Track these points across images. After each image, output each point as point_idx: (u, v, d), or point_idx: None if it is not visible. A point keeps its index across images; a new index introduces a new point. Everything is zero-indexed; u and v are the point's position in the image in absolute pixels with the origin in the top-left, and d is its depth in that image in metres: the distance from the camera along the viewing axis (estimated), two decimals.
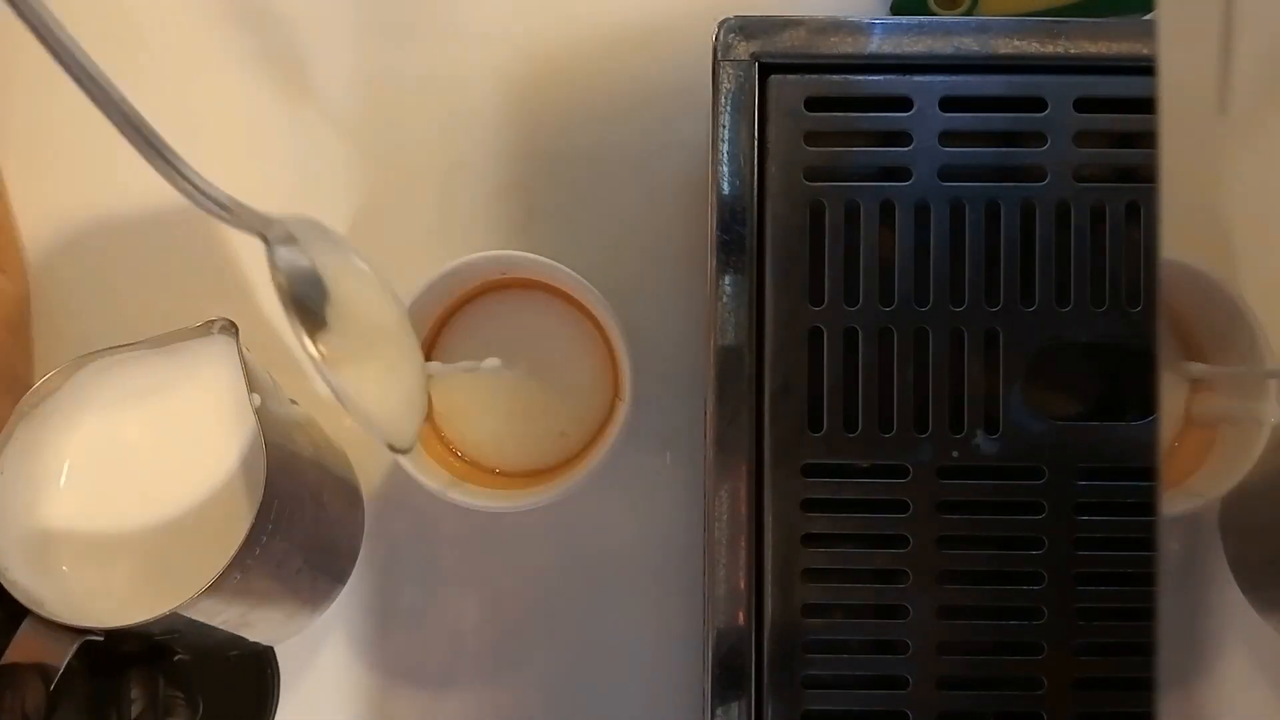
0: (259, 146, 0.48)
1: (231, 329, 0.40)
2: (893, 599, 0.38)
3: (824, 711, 0.38)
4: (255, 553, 0.37)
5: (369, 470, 0.46)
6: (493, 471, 0.45)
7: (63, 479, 0.40)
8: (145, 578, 0.39)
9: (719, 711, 0.38)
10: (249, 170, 0.48)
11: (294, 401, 0.42)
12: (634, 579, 0.46)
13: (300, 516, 0.40)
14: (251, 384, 0.38)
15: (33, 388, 0.39)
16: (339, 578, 0.45)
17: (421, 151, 0.48)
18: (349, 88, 0.48)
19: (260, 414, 0.38)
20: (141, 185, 0.48)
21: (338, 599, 0.45)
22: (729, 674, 0.38)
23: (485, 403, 0.45)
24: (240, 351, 0.39)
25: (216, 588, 0.36)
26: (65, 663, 0.36)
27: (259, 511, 0.36)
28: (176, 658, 0.41)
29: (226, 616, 0.38)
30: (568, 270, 0.42)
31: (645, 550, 0.46)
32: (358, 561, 0.46)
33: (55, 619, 0.36)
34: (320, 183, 0.48)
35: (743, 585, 0.38)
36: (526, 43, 0.48)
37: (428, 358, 0.45)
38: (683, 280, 0.47)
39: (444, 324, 0.45)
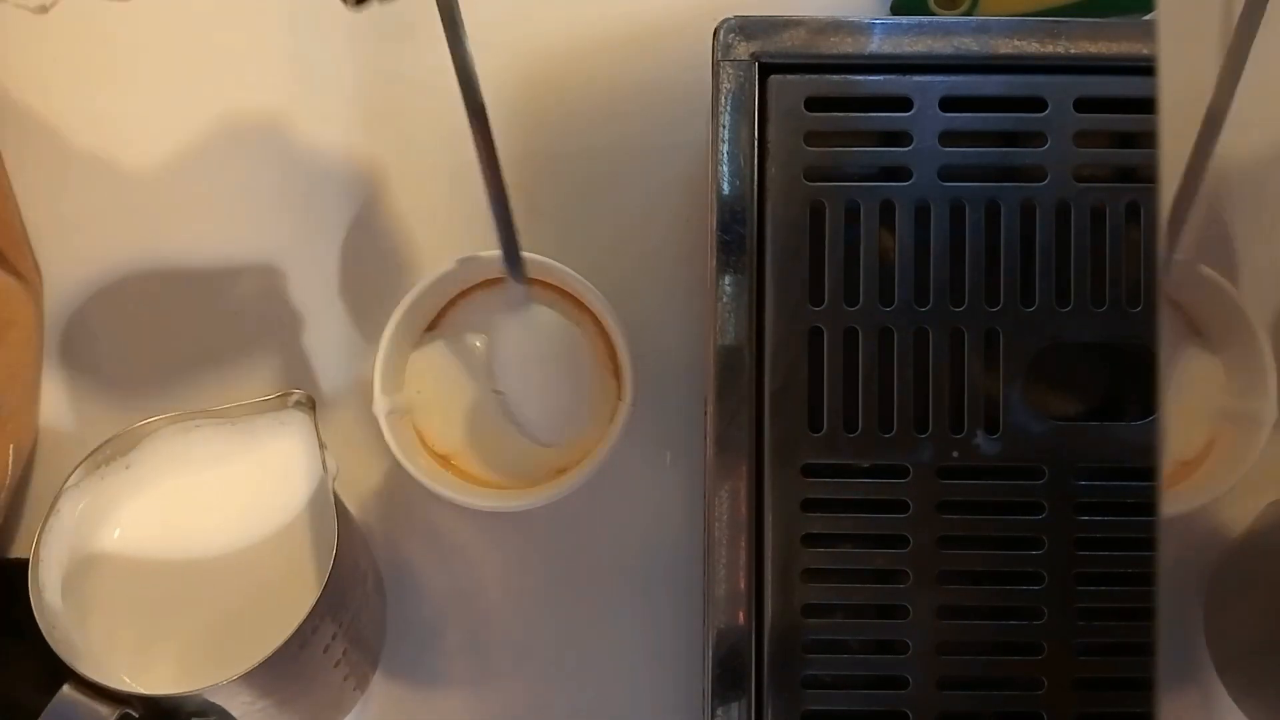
0: (260, 147, 0.48)
1: (308, 404, 0.40)
2: (893, 599, 0.38)
3: (824, 711, 0.38)
4: (313, 628, 0.36)
5: (368, 469, 0.46)
6: (489, 483, 0.45)
7: (119, 540, 0.39)
8: (192, 652, 0.38)
9: (719, 711, 0.38)
10: (250, 171, 0.48)
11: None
12: (634, 579, 0.46)
13: (351, 602, 0.39)
14: (325, 457, 0.38)
15: (106, 441, 0.39)
16: (361, 684, 0.44)
17: (423, 152, 0.48)
18: (350, 88, 0.48)
19: (334, 488, 0.38)
20: (154, 197, 0.48)
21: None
22: (729, 674, 0.38)
23: (481, 409, 0.45)
24: (316, 426, 0.39)
25: (272, 662, 0.35)
26: None
27: (326, 585, 0.36)
28: None
29: (263, 705, 0.37)
30: (568, 270, 0.42)
31: (645, 550, 0.46)
32: None
33: (96, 682, 0.35)
34: (322, 183, 0.48)
35: (743, 585, 0.38)
36: (526, 43, 0.48)
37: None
38: (683, 280, 0.47)
39: (444, 315, 0.45)
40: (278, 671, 0.36)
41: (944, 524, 0.38)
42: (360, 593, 0.40)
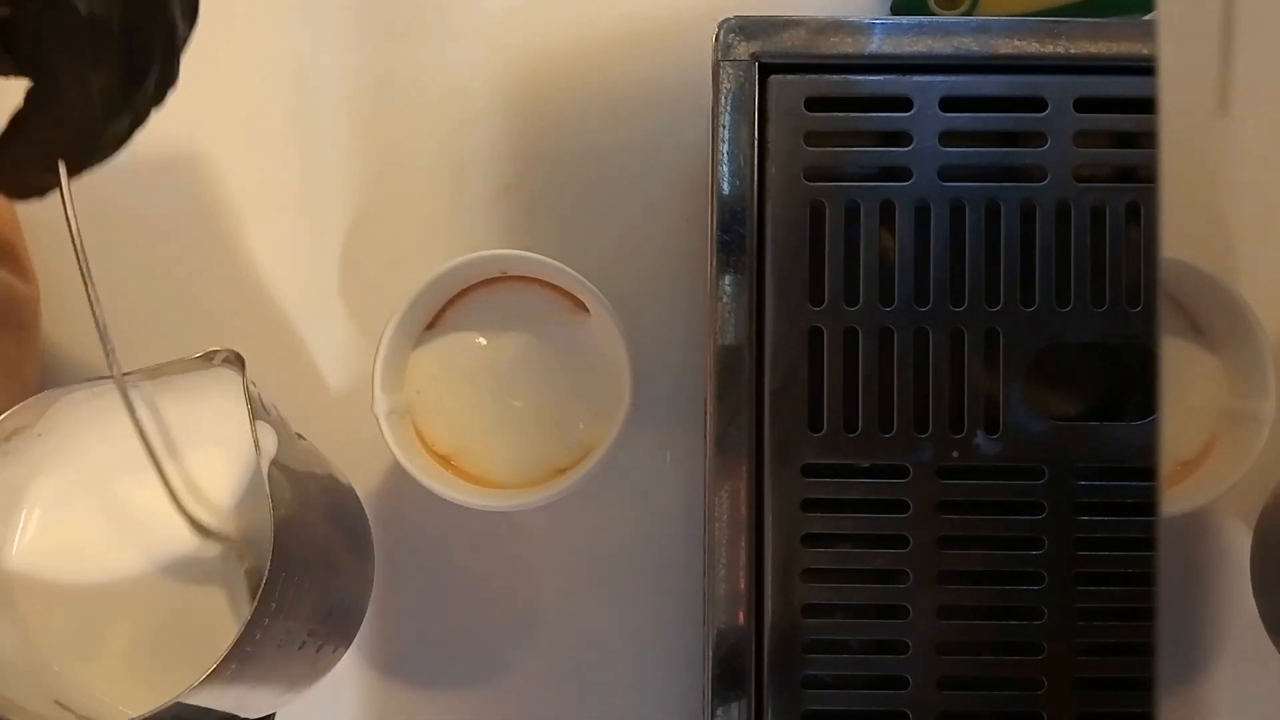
0: (261, 147, 0.48)
1: (236, 361, 0.35)
2: (893, 599, 0.38)
3: (824, 711, 0.38)
4: (255, 637, 0.32)
5: (368, 469, 0.46)
6: (489, 483, 0.45)
7: (30, 529, 0.35)
8: (129, 652, 0.35)
9: (719, 711, 0.38)
10: (251, 171, 0.48)
11: (301, 436, 0.38)
12: (634, 579, 0.46)
13: (309, 586, 0.35)
14: (257, 429, 0.33)
15: (8, 414, 0.35)
16: (345, 640, 0.41)
17: (422, 152, 0.48)
18: (351, 88, 0.48)
19: (271, 470, 0.33)
20: (152, 196, 0.48)
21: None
22: (729, 674, 0.38)
23: (481, 409, 0.45)
24: (247, 389, 0.34)
25: (209, 681, 0.30)
26: None
27: (261, 595, 0.31)
28: None
29: (223, 702, 0.33)
30: (568, 269, 0.42)
31: (645, 550, 0.46)
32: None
33: (13, 707, 0.31)
34: (322, 183, 0.48)
35: (743, 585, 0.38)
36: (527, 43, 0.48)
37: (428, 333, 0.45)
38: (683, 280, 0.47)
39: (443, 314, 0.45)
40: (223, 682, 0.32)
41: (944, 524, 0.38)
42: (322, 568, 0.36)
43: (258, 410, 0.34)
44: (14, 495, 0.36)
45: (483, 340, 0.45)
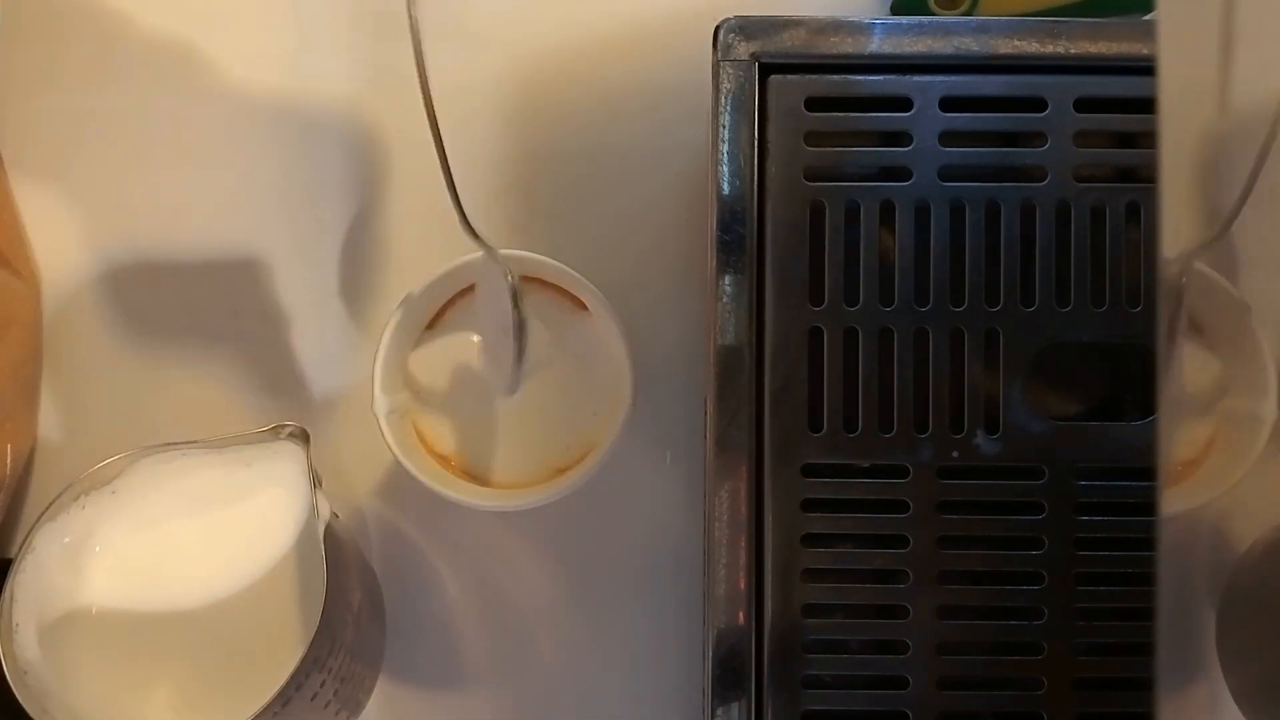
0: (261, 148, 0.48)
1: (301, 436, 0.38)
2: (893, 599, 0.38)
3: (824, 711, 0.38)
4: (298, 685, 0.34)
5: (370, 469, 0.46)
6: (489, 483, 0.45)
7: (102, 577, 0.38)
8: (180, 698, 0.37)
9: (719, 711, 0.38)
10: (251, 169, 0.48)
11: (335, 514, 0.41)
12: (634, 579, 0.46)
13: (341, 644, 0.38)
14: (316, 495, 0.37)
15: (81, 477, 0.37)
16: (356, 709, 0.42)
17: (422, 150, 0.48)
18: (350, 88, 0.48)
19: (326, 535, 0.36)
20: (163, 225, 0.48)
21: None
22: (729, 674, 0.38)
23: (481, 409, 0.45)
24: (309, 462, 0.37)
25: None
26: None
27: (313, 642, 0.34)
28: None
29: None
30: (568, 269, 0.42)
31: (645, 550, 0.46)
32: None
33: None
34: (321, 182, 0.48)
35: (743, 585, 0.38)
36: (526, 44, 0.48)
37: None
38: (683, 280, 0.47)
39: (443, 314, 0.45)
40: None
41: (944, 524, 0.38)
42: (353, 629, 0.39)
43: (316, 480, 0.38)
44: (82, 552, 0.38)
45: (482, 339, 0.45)
